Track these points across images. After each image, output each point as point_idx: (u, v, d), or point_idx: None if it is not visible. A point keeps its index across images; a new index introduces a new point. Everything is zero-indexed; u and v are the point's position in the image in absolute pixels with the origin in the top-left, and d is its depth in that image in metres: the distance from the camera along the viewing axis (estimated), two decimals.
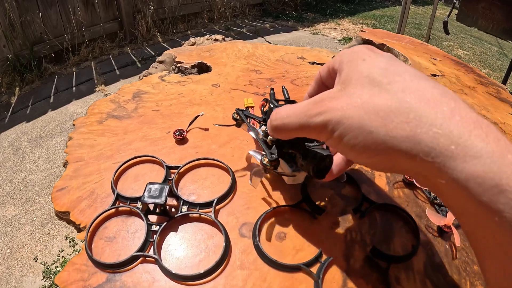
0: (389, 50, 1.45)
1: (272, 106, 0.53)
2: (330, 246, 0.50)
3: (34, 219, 1.60)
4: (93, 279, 0.46)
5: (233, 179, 0.56)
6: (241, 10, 3.98)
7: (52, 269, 1.41)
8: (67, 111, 2.24)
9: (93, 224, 0.53)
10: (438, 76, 1.19)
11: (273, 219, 0.52)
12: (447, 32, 3.01)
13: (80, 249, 1.50)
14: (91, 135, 0.72)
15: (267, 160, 0.47)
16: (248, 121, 0.58)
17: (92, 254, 0.48)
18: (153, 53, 3.00)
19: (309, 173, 0.48)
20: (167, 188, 0.50)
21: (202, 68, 0.98)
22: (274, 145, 0.50)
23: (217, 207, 0.52)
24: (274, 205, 0.54)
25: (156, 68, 0.99)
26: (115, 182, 0.59)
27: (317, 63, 1.10)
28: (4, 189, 1.73)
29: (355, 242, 0.52)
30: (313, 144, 0.48)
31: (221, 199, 0.53)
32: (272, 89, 0.62)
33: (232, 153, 0.63)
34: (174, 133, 0.65)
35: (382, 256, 0.49)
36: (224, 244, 0.46)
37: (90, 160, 0.66)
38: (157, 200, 0.49)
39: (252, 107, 0.68)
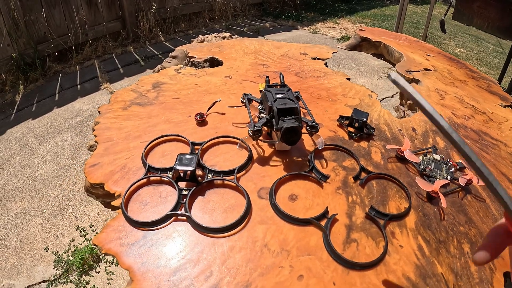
0: (385, 47, 1.56)
1: (264, 90, 0.67)
2: (334, 206, 0.60)
3: (44, 211, 1.67)
4: (130, 237, 0.55)
5: (250, 152, 0.66)
6: (241, 10, 4.10)
7: (64, 258, 1.47)
8: (73, 108, 2.33)
9: (128, 191, 0.61)
10: (431, 70, 1.30)
11: (286, 184, 0.62)
12: (443, 31, 3.13)
13: (93, 236, 1.58)
14: (117, 119, 0.82)
15: (251, 130, 0.62)
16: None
17: (129, 215, 0.57)
18: (156, 52, 3.10)
19: (281, 140, 0.61)
20: (196, 157, 0.60)
21: (214, 63, 1.08)
22: (261, 120, 0.65)
23: (238, 175, 0.62)
24: (286, 173, 0.64)
25: (169, 62, 1.09)
26: (145, 157, 0.69)
27: (318, 58, 1.20)
28: (12, 184, 1.80)
29: (355, 203, 0.62)
30: (287, 118, 0.60)
31: (241, 168, 0.63)
32: (267, 76, 0.77)
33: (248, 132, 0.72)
34: (195, 116, 0.75)
35: (379, 214, 0.59)
36: (246, 202, 0.56)
37: (119, 140, 0.75)
38: (188, 167, 0.58)
39: None
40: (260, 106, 0.71)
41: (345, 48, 1.67)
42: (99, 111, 0.87)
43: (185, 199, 0.58)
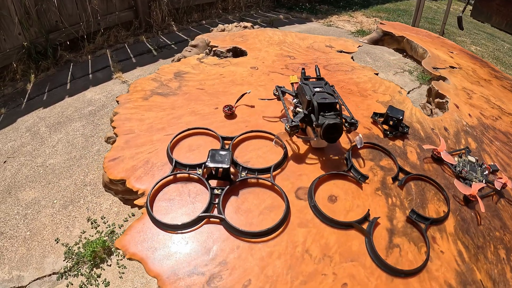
0: (408, 42, 1.50)
1: (301, 83, 0.62)
2: (375, 208, 0.55)
3: (55, 201, 1.64)
4: (157, 241, 0.50)
5: (286, 149, 0.61)
6: (255, 1, 4.02)
7: (74, 250, 1.44)
8: (85, 97, 2.29)
9: (153, 189, 0.57)
10: (456, 68, 1.25)
11: (324, 184, 0.58)
12: (461, 27, 3.04)
13: (105, 229, 1.55)
14: (138, 110, 0.77)
15: (288, 126, 0.57)
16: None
17: (156, 217, 0.52)
18: (168, 42, 3.04)
19: (320, 137, 0.56)
20: (229, 153, 0.55)
21: (237, 53, 1.03)
22: (298, 115, 0.61)
23: (274, 173, 0.58)
24: (323, 172, 0.59)
25: (189, 51, 1.04)
26: (171, 151, 0.64)
27: (344, 52, 1.15)
28: (23, 173, 1.77)
29: (395, 205, 0.57)
30: (327, 113, 0.56)
31: (277, 166, 0.58)
32: (303, 68, 0.72)
33: (281, 127, 0.68)
34: (224, 108, 0.71)
35: (420, 218, 0.55)
36: (286, 204, 0.51)
37: (141, 132, 0.71)
38: (222, 165, 0.54)
39: (297, 82, 0.73)
40: (295, 100, 0.66)
41: (367, 42, 1.61)
42: (117, 101, 0.83)
43: (218, 199, 0.54)
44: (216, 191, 0.55)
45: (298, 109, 0.63)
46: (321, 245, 0.49)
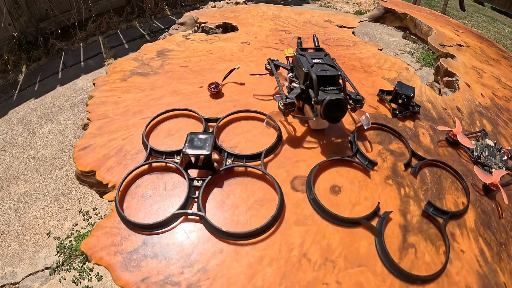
0: (411, 19, 1.38)
1: (297, 55, 0.52)
2: (385, 200, 0.45)
3: (46, 194, 1.56)
4: (127, 243, 0.40)
5: (279, 131, 0.51)
6: None
7: (66, 244, 1.37)
8: (77, 86, 2.18)
9: (124, 182, 0.47)
10: (463, 46, 1.13)
11: (325, 172, 0.47)
12: (463, 9, 2.90)
13: (97, 220, 1.47)
14: (114, 92, 0.67)
15: (282, 103, 0.47)
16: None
17: (125, 215, 0.43)
18: (162, 26, 2.90)
19: (320, 116, 0.46)
20: (211, 138, 0.45)
21: (227, 29, 0.91)
22: (294, 91, 0.50)
23: (265, 159, 0.47)
24: (324, 158, 0.49)
25: (177, 29, 0.93)
26: (146, 137, 0.54)
27: (345, 27, 1.03)
28: (15, 166, 1.68)
29: (409, 197, 0.47)
30: (330, 88, 0.46)
31: (269, 151, 0.48)
32: (299, 38, 0.60)
33: (275, 106, 0.57)
34: (209, 86, 0.60)
35: (437, 211, 0.45)
36: (279, 197, 0.41)
37: (116, 116, 0.61)
38: (201, 151, 0.44)
39: (292, 56, 0.63)
40: (291, 74, 0.55)
41: (367, 19, 1.49)
42: (94, 84, 0.72)
43: (197, 193, 0.43)
44: (196, 183, 0.45)
45: (294, 84, 0.53)
46: (322, 247, 0.39)
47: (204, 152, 0.43)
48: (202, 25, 0.90)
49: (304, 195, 0.44)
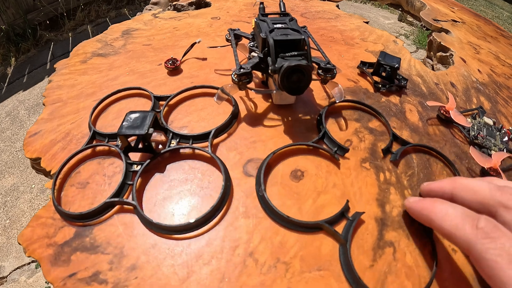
0: None
1: (256, 20, 0.44)
2: (359, 188, 0.37)
3: (33, 186, 1.51)
4: (59, 235, 0.35)
5: (236, 107, 0.43)
6: None
7: None
8: None
9: (64, 169, 0.41)
10: (459, 22, 1.03)
11: (286, 160, 0.39)
12: None
13: None
14: (72, 75, 0.60)
15: (236, 74, 0.39)
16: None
17: (60, 204, 0.37)
18: None
19: (279, 87, 0.38)
20: (151, 115, 0.38)
21: (201, 5, 0.83)
22: (251, 60, 0.42)
23: (216, 140, 0.40)
24: (287, 138, 0.41)
25: (149, 10, 0.85)
26: (94, 120, 0.48)
27: (329, 0, 0.94)
28: (2, 159, 1.63)
29: (389, 183, 0.39)
30: (290, 54, 0.38)
31: (221, 130, 0.40)
32: (262, 3, 0.52)
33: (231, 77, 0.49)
34: (165, 62, 0.52)
35: None
36: (223, 184, 0.33)
37: (69, 100, 0.54)
38: (137, 131, 0.36)
39: None
40: (252, 43, 0.47)
41: None
42: (55, 68, 0.65)
43: (134, 179, 0.36)
44: (135, 168, 0.38)
45: (253, 54, 0.45)
46: (274, 245, 0.32)
47: (140, 132, 0.36)
48: (174, 3, 0.82)
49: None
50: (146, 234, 0.33)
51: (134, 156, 0.40)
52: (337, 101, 0.42)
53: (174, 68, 0.51)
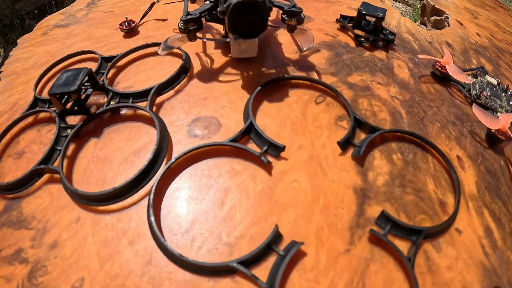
0: None
1: None
2: (333, 151, 0.31)
3: None
4: None
5: (187, 61, 0.37)
6: None
7: None
8: None
9: (4, 139, 0.37)
10: None
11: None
12: None
13: None
14: (31, 48, 0.55)
15: (182, 22, 0.33)
16: None
17: None
18: None
19: (229, 30, 0.32)
20: (84, 72, 0.32)
21: None
22: (203, 6, 0.36)
23: (161, 98, 0.34)
24: (245, 91, 0.34)
25: None
26: (42, 88, 0.43)
27: None
28: None
29: (374, 145, 0.32)
30: None
31: (165, 86, 0.34)
32: None
33: (199, 43, 0.42)
34: (120, 25, 0.47)
35: (400, 230, 0.26)
36: (155, 146, 0.27)
37: (23, 71, 0.50)
38: (66, 88, 0.31)
39: None
40: None
41: None
42: (17, 43, 0.60)
43: (64, 144, 0.31)
44: (69, 132, 0.32)
45: (206, 2, 0.38)
46: (217, 220, 0.26)
47: (70, 89, 0.30)
48: None
49: (204, 141, 0.30)
50: (70, 206, 0.28)
51: (74, 121, 0.34)
52: (304, 49, 0.35)
53: (129, 30, 0.46)
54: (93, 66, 0.42)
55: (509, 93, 0.45)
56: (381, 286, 0.23)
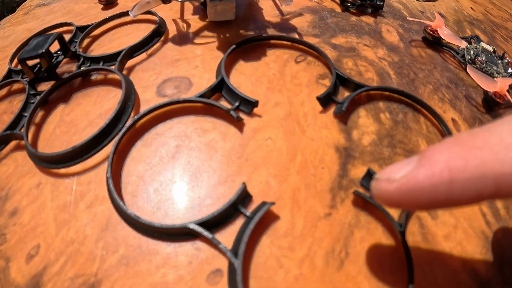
0: None
1: None
2: (313, 108, 0.29)
3: None
4: None
5: (161, 25, 0.34)
6: None
7: None
8: None
9: None
10: None
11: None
12: None
13: None
14: (12, 26, 0.53)
15: None
16: None
17: None
18: None
19: None
20: (54, 36, 0.30)
21: None
22: None
23: (132, 61, 0.32)
24: (220, 53, 0.32)
25: None
26: (17, 62, 0.41)
27: None
28: None
29: (359, 103, 0.30)
30: None
31: (136, 49, 0.32)
32: None
33: (175, 5, 0.40)
34: None
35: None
36: (120, 104, 0.25)
37: (2, 49, 0.48)
38: (34, 52, 0.29)
39: None
40: None
41: None
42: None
43: (30, 109, 0.29)
44: (38, 98, 0.30)
45: None
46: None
47: (38, 52, 0.28)
48: None
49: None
50: (33, 171, 0.26)
51: (42, 88, 0.32)
52: (283, 6, 0.33)
53: (107, 2, 0.43)
54: (68, 37, 0.41)
55: (506, 61, 0.43)
56: (367, 256, 0.21)
